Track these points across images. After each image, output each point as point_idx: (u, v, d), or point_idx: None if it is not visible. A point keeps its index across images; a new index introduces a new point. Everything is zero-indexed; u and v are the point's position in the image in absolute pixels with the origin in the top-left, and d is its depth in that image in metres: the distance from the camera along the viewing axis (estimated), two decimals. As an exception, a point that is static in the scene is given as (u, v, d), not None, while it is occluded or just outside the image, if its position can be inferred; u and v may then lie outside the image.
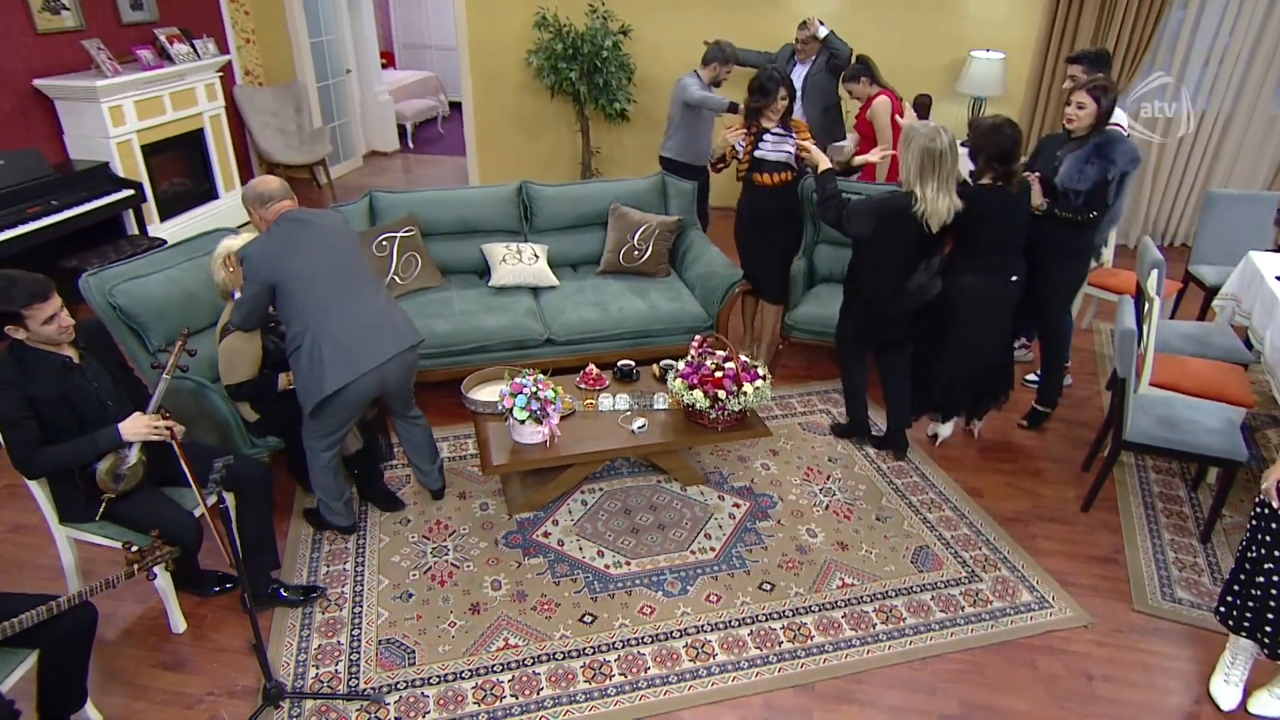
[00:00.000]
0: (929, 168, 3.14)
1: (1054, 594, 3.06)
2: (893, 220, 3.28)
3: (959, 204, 3.23)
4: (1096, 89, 3.54)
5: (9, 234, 4.55)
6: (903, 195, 3.25)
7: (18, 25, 5.17)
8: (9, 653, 2.23)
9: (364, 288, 2.94)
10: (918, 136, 3.15)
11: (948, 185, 3.19)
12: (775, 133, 4.01)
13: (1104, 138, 3.56)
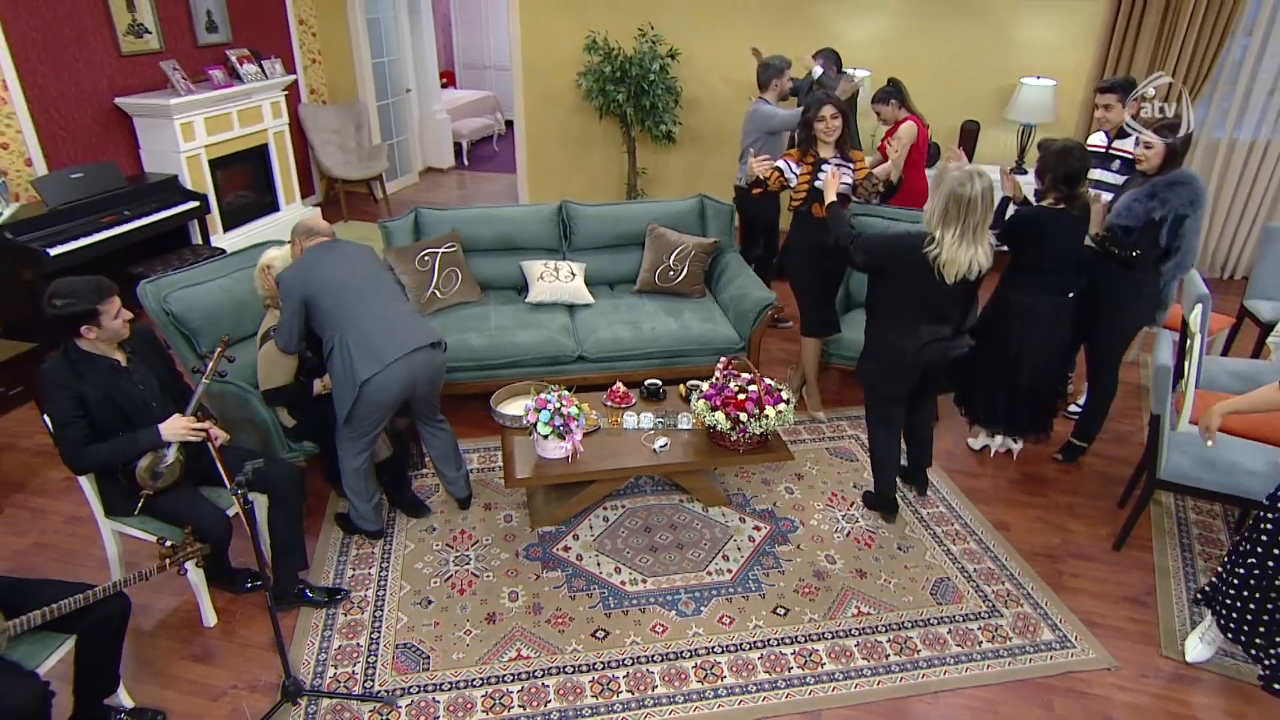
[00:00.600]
0: (953, 213, 2.89)
1: (1077, 634, 2.98)
2: (901, 259, 3.05)
3: (985, 261, 2.96)
4: (1164, 128, 3.46)
5: (85, 241, 4.82)
6: (917, 235, 3.02)
7: (104, 48, 5.51)
8: (49, 637, 2.37)
9: (386, 297, 3.15)
10: (949, 179, 2.90)
11: (973, 236, 2.92)
12: (834, 162, 3.80)
13: (1166, 177, 3.46)
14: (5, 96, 4.94)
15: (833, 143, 3.83)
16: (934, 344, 3.11)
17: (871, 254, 3.16)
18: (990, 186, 2.91)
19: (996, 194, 3.20)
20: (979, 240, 2.93)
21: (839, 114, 3.76)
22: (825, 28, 6.41)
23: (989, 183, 2.91)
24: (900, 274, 3.08)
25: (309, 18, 7.48)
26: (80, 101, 5.40)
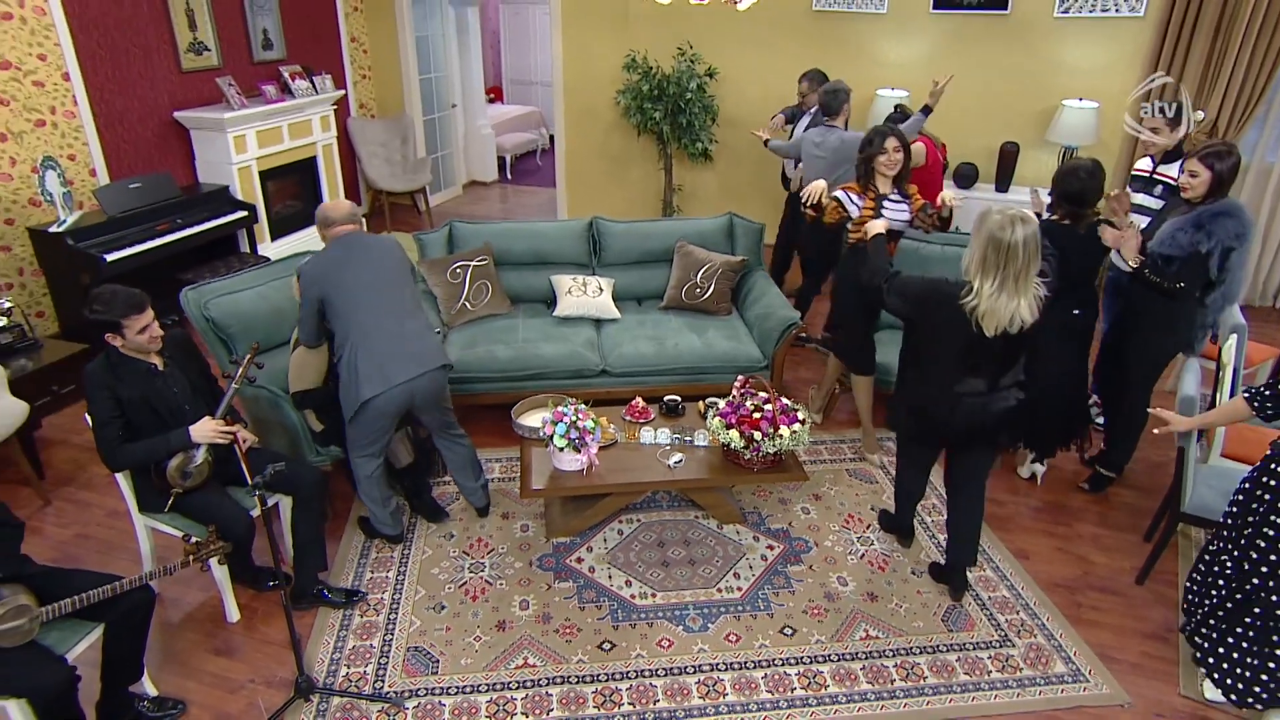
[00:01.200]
0: (992, 260, 2.61)
1: (1091, 668, 2.93)
2: (936, 307, 2.78)
3: (1028, 314, 2.66)
4: (1210, 155, 3.38)
5: (140, 248, 5.06)
6: (955, 283, 2.76)
7: (166, 65, 5.79)
8: (79, 624, 2.50)
9: (402, 310, 3.16)
10: (989, 222, 2.64)
11: (1016, 287, 2.62)
12: (892, 199, 3.71)
13: (1212, 208, 3.37)
14: (74, 111, 5.22)
15: (891, 177, 3.69)
16: (969, 400, 2.82)
17: (905, 298, 2.89)
18: (1035, 234, 2.61)
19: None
20: (1022, 291, 2.64)
21: (901, 147, 3.63)
22: (863, 48, 6.41)
23: (1033, 230, 2.62)
24: (935, 323, 2.82)
25: (360, 35, 7.74)
26: (142, 115, 5.68)
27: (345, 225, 3.17)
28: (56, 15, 5.03)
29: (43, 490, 3.80)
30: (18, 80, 4.89)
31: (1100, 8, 5.83)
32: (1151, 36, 5.74)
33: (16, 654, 2.28)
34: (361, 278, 3.09)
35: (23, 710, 2.31)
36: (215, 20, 6.08)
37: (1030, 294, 2.67)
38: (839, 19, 6.41)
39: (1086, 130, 5.82)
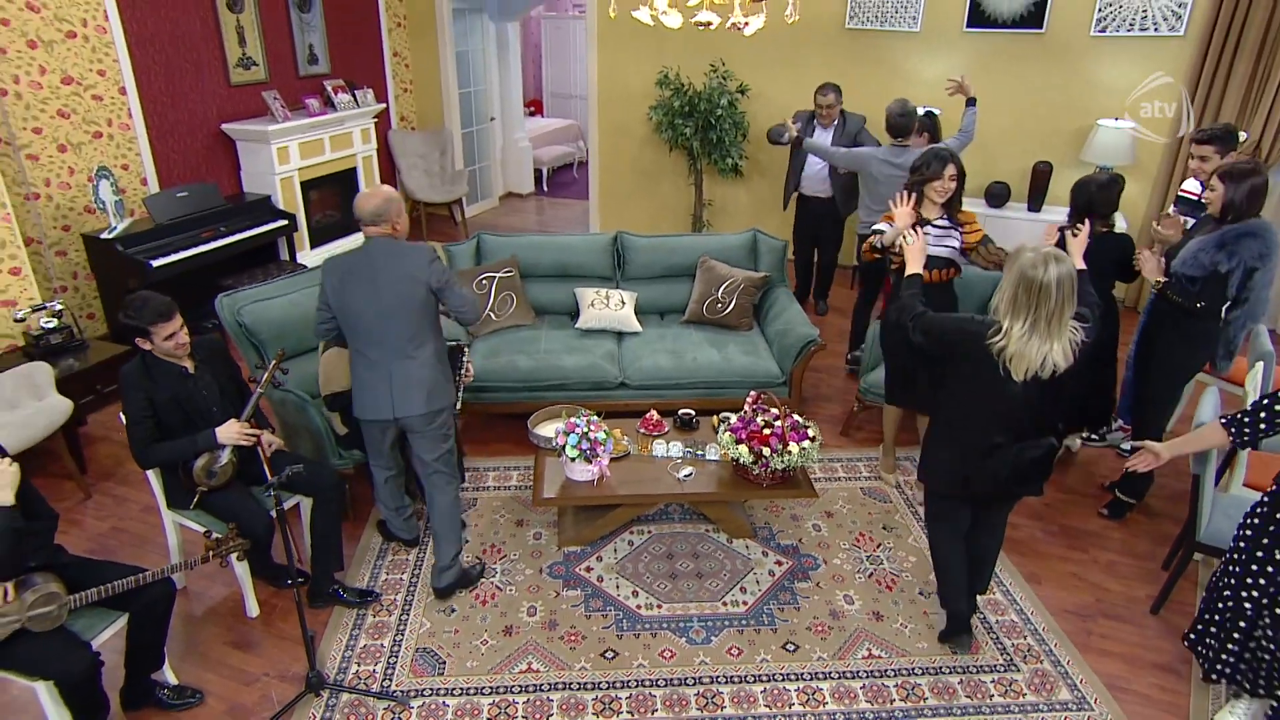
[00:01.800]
0: (1022, 300, 2.48)
1: (1097, 696, 2.89)
2: (962, 348, 2.64)
3: (1061, 359, 2.51)
4: (1225, 175, 3.35)
5: (184, 254, 5.27)
6: (983, 322, 2.60)
7: (215, 79, 6.04)
8: (105, 613, 2.63)
9: (397, 347, 2.97)
10: (1021, 260, 2.51)
11: (1049, 329, 2.48)
12: (939, 225, 3.56)
13: (1236, 228, 3.33)
14: (129, 124, 5.48)
15: (941, 203, 3.57)
16: (1002, 450, 2.65)
17: (930, 336, 2.73)
18: (1070, 274, 2.48)
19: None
20: (1055, 334, 2.49)
21: (957, 175, 3.51)
22: (897, 66, 6.41)
23: (1068, 269, 2.47)
24: (961, 366, 2.68)
25: (403, 50, 7.96)
26: (192, 127, 5.93)
27: (370, 227, 2.94)
28: (116, 33, 5.29)
29: (84, 484, 3.99)
30: (78, 95, 5.15)
31: (1139, 26, 5.76)
32: (1192, 56, 5.64)
33: (45, 638, 2.42)
34: (360, 304, 2.93)
35: (50, 692, 2.45)
36: (264, 37, 6.33)
37: (1065, 337, 2.51)
38: (872, 37, 6.42)
39: (1122, 150, 5.73)
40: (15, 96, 4.82)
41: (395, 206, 2.97)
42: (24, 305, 4.24)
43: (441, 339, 3.15)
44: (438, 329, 3.11)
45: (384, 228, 2.96)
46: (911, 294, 2.91)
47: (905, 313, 2.82)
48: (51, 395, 3.82)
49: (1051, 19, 5.93)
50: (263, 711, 2.79)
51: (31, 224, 5.01)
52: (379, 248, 2.96)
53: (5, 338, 4.26)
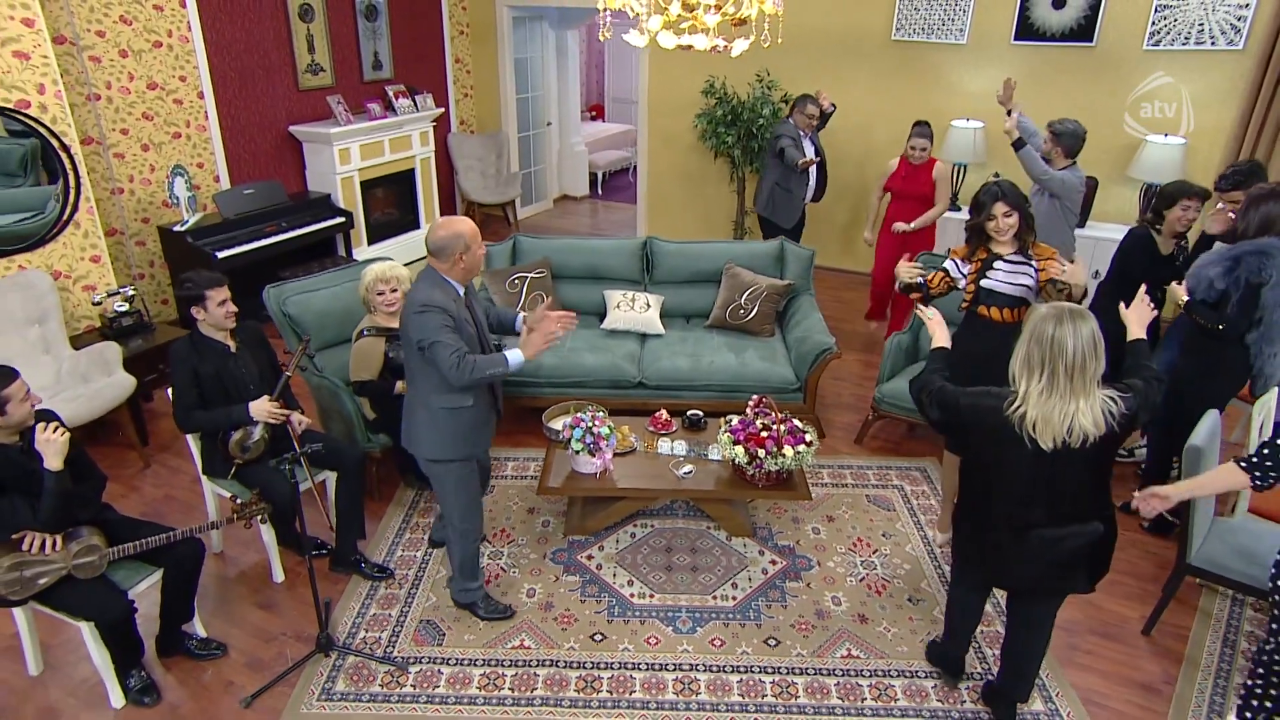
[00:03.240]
0: (1036, 359, 2.26)
1: (1071, 710, 2.92)
2: (981, 423, 2.38)
3: (1090, 423, 2.24)
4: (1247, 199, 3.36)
5: (248, 247, 5.68)
6: (999, 394, 2.36)
7: (285, 84, 6.47)
8: (141, 567, 2.95)
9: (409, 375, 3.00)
10: (1036, 315, 2.30)
11: (1071, 387, 2.23)
12: (1010, 260, 3.27)
13: (1243, 246, 3.33)
14: (205, 125, 5.93)
15: (1009, 239, 3.27)
16: (1038, 536, 2.38)
17: (947, 411, 2.48)
18: (1092, 330, 2.24)
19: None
20: (1079, 394, 2.24)
21: (1012, 210, 3.21)
22: (942, 78, 6.40)
23: (1089, 327, 2.24)
24: (984, 443, 2.42)
25: (465, 56, 8.31)
26: (262, 129, 6.37)
27: (432, 258, 2.84)
28: (197, 42, 5.74)
29: (144, 454, 4.38)
30: (162, 99, 5.61)
31: (1194, 39, 5.62)
32: (1251, 70, 5.48)
33: (88, 584, 2.73)
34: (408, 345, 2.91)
35: (91, 632, 2.77)
36: (332, 44, 6.73)
37: (1093, 397, 2.25)
38: (918, 49, 6.43)
39: (1172, 167, 5.60)
40: (107, 101, 5.29)
41: (461, 244, 2.77)
42: (102, 290, 4.67)
43: (431, 389, 2.89)
44: (429, 376, 2.86)
45: (445, 263, 2.80)
46: (934, 369, 2.65)
47: (925, 386, 2.57)
48: (119, 372, 4.22)
49: (1102, 31, 5.83)
50: (277, 666, 3.06)
51: (116, 216, 5.49)
52: (419, 279, 2.88)
53: (85, 319, 4.70)
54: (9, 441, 2.69)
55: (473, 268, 2.87)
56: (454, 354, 2.72)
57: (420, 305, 2.76)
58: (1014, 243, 3.27)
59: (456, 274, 2.85)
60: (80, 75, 5.11)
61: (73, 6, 4.99)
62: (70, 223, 4.55)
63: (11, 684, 3.00)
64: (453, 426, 2.94)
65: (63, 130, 4.41)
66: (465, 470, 3.05)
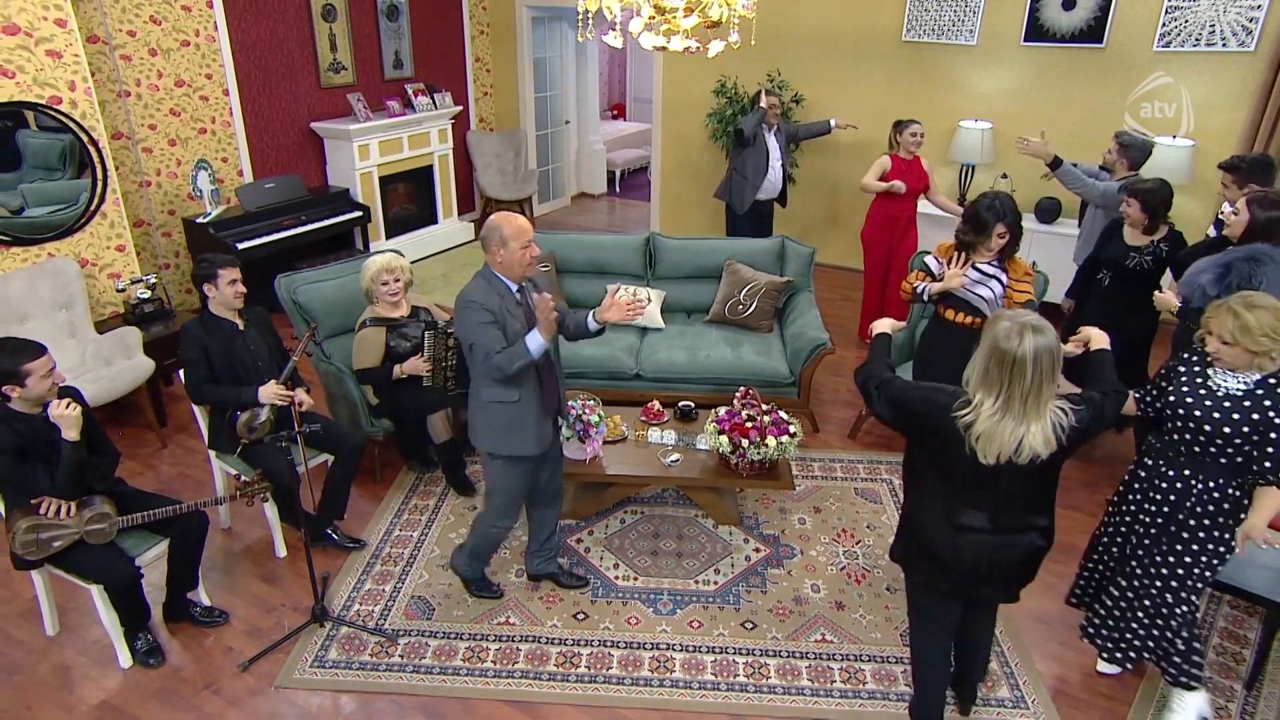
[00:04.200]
0: (994, 374, 2.18)
1: (1037, 698, 2.98)
2: (927, 421, 2.33)
3: (1040, 444, 2.18)
4: (1255, 200, 3.39)
5: (267, 239, 5.90)
6: (952, 392, 2.30)
7: (308, 82, 6.68)
8: (149, 536, 3.13)
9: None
10: (996, 328, 2.20)
11: (1024, 409, 2.16)
12: (981, 268, 3.42)
13: (1238, 252, 3.38)
14: (230, 121, 6.16)
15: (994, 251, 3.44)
16: (972, 537, 2.36)
17: (895, 406, 2.42)
18: (1050, 346, 2.15)
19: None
20: (1033, 415, 2.17)
21: (1007, 231, 3.36)
22: (951, 79, 6.43)
23: (1047, 341, 2.15)
24: (928, 440, 2.39)
25: (485, 56, 8.48)
26: (285, 125, 6.58)
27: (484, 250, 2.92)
28: (224, 41, 5.96)
29: (162, 435, 4.59)
30: (188, 95, 5.84)
31: (1205, 41, 5.60)
32: (1263, 72, 5.45)
33: (99, 550, 2.92)
34: None
35: (101, 595, 2.95)
36: (354, 43, 6.94)
37: (1046, 418, 2.18)
38: (928, 49, 6.46)
39: (1180, 169, 5.58)
40: (136, 97, 5.53)
41: (497, 236, 2.79)
42: (126, 278, 4.89)
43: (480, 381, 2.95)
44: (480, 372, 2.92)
45: (488, 255, 2.87)
46: (878, 357, 2.61)
47: (871, 380, 2.50)
48: (138, 355, 4.43)
49: (1112, 33, 5.83)
50: (274, 635, 3.23)
51: (143, 208, 5.73)
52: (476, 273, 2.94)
53: (110, 305, 4.93)
54: (32, 413, 2.87)
55: (512, 264, 2.82)
56: (484, 352, 2.78)
57: (462, 300, 2.84)
58: (994, 254, 3.39)
59: (502, 268, 2.84)
60: (112, 73, 5.35)
61: (105, 7, 5.22)
62: (98, 213, 4.77)
63: (30, 643, 3.20)
64: (499, 420, 2.96)
65: (91, 125, 4.64)
66: (512, 469, 3.04)
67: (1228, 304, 2.47)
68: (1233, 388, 2.50)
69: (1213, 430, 2.50)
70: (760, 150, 5.87)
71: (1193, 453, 2.59)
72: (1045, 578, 3.53)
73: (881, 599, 3.46)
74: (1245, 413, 2.46)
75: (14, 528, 2.80)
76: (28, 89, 4.36)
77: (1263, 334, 2.38)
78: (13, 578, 3.46)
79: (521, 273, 2.88)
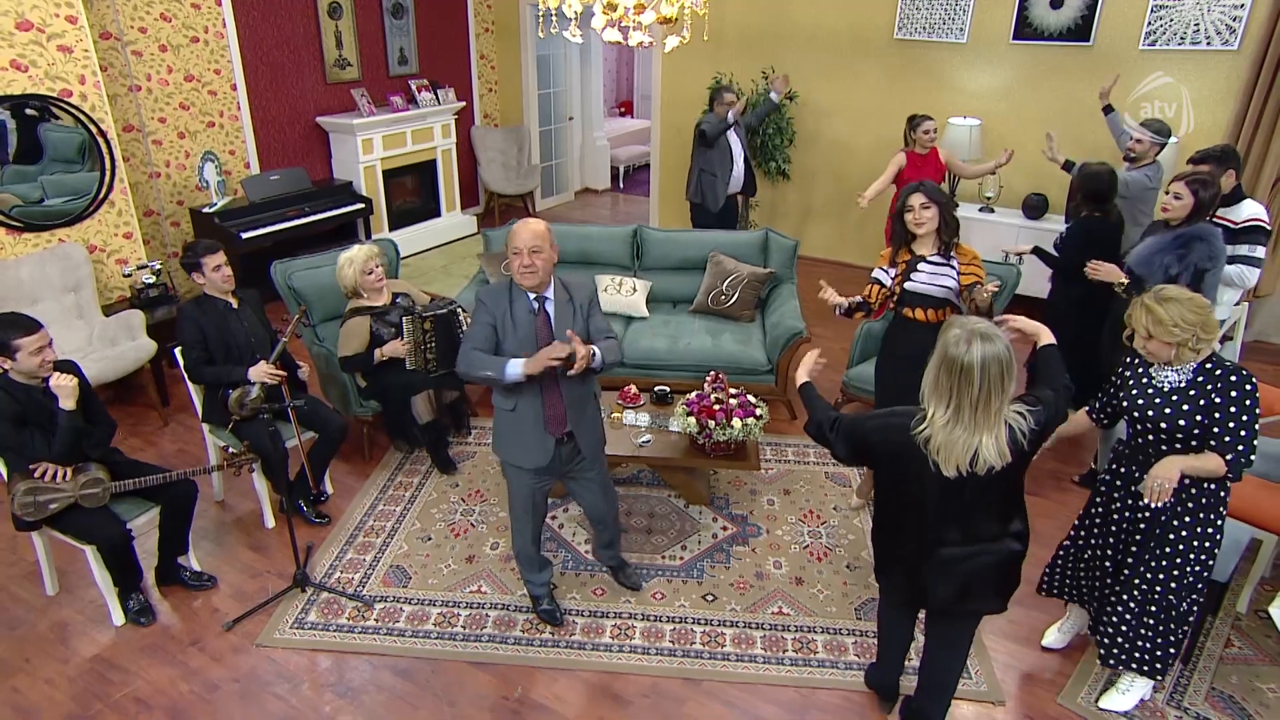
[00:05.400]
0: (945, 383, 2.16)
1: (979, 668, 3.10)
2: (889, 447, 2.30)
3: (994, 454, 2.15)
4: (1196, 182, 3.50)
5: (271, 229, 6.10)
6: (908, 413, 2.27)
7: (314, 78, 6.89)
8: (141, 503, 3.32)
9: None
10: (946, 336, 2.18)
11: (975, 419, 2.14)
12: (932, 260, 3.30)
13: (1190, 231, 3.52)
14: (237, 115, 6.38)
15: (931, 236, 3.29)
16: (950, 556, 2.33)
17: (852, 442, 2.39)
18: (1000, 354, 2.11)
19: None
20: (984, 425, 2.14)
21: (930, 203, 3.23)
22: (942, 76, 6.52)
23: (997, 349, 2.11)
24: (892, 466, 2.36)
25: (490, 53, 8.66)
26: (291, 119, 6.79)
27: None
28: (232, 38, 6.18)
29: (164, 414, 4.80)
30: (197, 90, 6.06)
31: (1190, 40, 5.66)
32: (1246, 71, 5.50)
33: (93, 512, 3.11)
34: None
35: (95, 555, 3.15)
36: (359, 40, 7.14)
37: (998, 429, 2.16)
38: (919, 47, 6.55)
39: (1167, 166, 5.64)
40: (147, 92, 5.75)
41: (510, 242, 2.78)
42: (132, 264, 5.11)
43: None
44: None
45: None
46: (817, 404, 2.55)
47: (823, 425, 2.46)
48: (142, 337, 4.64)
49: (1099, 31, 5.90)
50: (259, 599, 3.41)
51: (153, 198, 5.96)
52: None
53: (117, 290, 5.15)
54: (31, 384, 3.07)
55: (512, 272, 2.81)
56: (468, 343, 2.79)
57: (477, 293, 2.90)
58: (936, 243, 3.30)
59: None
60: (123, 68, 5.57)
61: (118, 4, 5.45)
62: (106, 201, 4.99)
63: (31, 602, 3.41)
64: (499, 423, 2.98)
65: (100, 117, 4.85)
66: (515, 477, 3.04)
67: (1142, 300, 2.56)
68: (1174, 381, 2.57)
69: (1169, 427, 2.56)
70: (723, 147, 5.96)
71: (1160, 451, 2.63)
72: (999, 558, 3.65)
73: (840, 575, 3.59)
74: (1192, 403, 2.52)
75: (13, 490, 3.00)
76: (40, 82, 4.58)
77: (1174, 324, 2.46)
78: (17, 543, 3.67)
79: (520, 281, 2.81)
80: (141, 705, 2.94)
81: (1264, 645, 3.20)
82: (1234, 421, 2.48)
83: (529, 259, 2.75)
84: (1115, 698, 2.92)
